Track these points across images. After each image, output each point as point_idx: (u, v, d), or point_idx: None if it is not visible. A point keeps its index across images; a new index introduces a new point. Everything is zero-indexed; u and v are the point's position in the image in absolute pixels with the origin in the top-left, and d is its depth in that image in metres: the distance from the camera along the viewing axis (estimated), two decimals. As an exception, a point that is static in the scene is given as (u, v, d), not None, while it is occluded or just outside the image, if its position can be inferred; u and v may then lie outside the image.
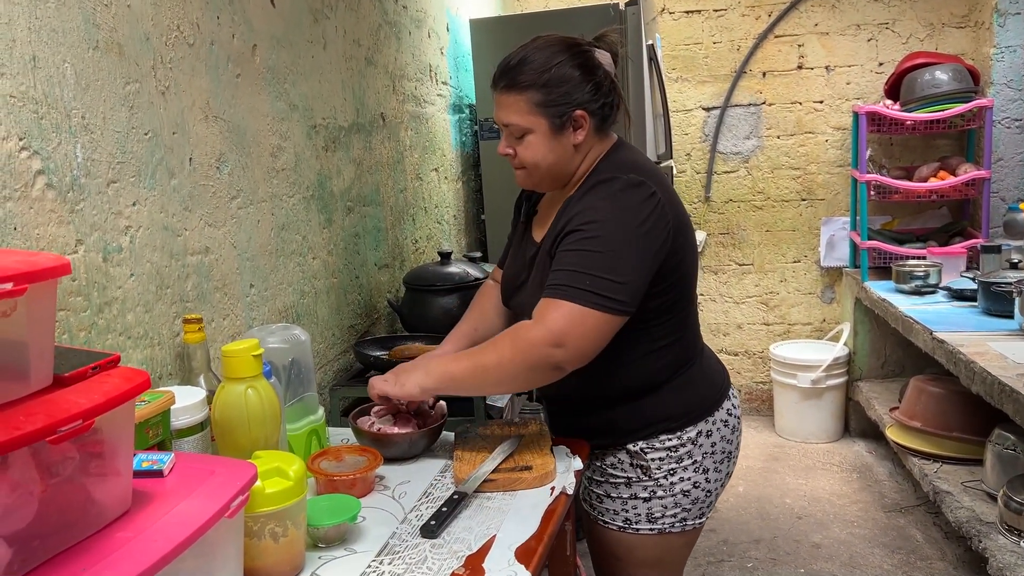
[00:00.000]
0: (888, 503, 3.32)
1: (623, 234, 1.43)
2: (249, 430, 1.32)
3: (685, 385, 1.62)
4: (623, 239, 1.43)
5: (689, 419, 1.61)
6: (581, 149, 1.53)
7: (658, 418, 1.60)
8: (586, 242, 1.43)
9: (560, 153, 1.52)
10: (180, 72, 1.52)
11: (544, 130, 1.49)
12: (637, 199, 1.46)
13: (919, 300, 3.33)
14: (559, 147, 1.51)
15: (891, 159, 4.01)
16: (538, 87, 1.47)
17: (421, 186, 2.83)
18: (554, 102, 1.47)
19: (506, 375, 1.45)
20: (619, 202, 1.46)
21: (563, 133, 1.50)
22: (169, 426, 1.29)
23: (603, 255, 1.42)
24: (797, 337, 4.27)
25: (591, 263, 1.42)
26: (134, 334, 1.39)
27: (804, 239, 4.21)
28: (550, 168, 1.53)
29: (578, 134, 1.51)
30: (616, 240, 1.43)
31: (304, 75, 2.00)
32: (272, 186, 1.84)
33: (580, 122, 1.50)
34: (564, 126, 1.50)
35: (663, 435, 1.60)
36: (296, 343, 1.59)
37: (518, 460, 1.55)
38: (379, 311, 2.41)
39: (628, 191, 1.46)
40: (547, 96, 1.47)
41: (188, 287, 1.54)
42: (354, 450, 1.55)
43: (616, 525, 1.66)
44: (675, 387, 1.61)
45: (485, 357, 1.46)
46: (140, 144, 1.41)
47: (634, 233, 1.44)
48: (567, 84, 1.48)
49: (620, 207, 1.45)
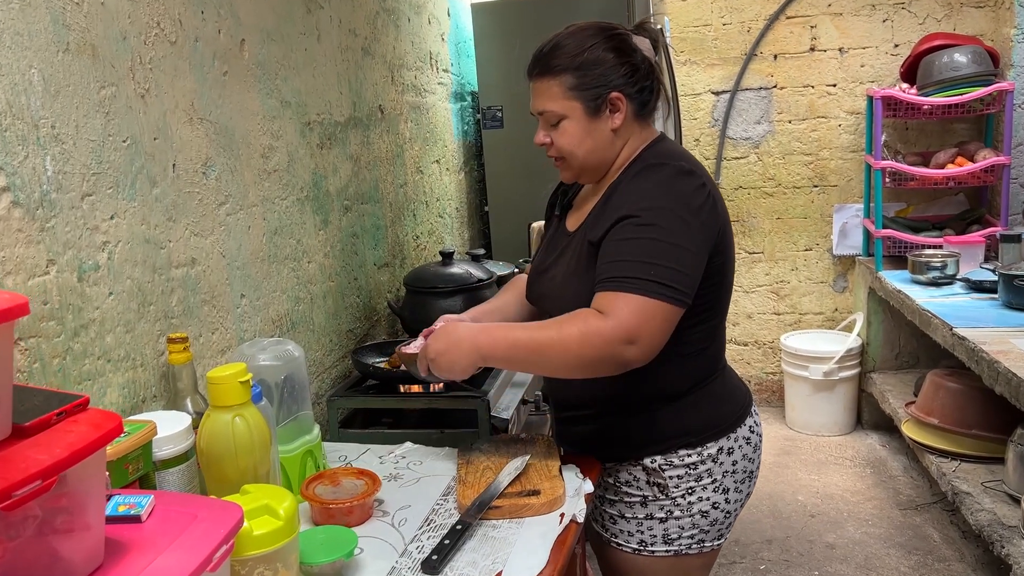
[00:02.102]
0: (903, 500, 3.24)
1: (680, 222, 1.35)
2: (237, 461, 1.23)
3: (707, 399, 1.54)
4: (681, 227, 1.35)
5: (710, 434, 1.52)
6: (620, 135, 1.47)
7: (677, 431, 1.51)
8: (644, 229, 1.35)
9: (597, 139, 1.46)
10: (161, 72, 1.42)
11: (579, 114, 1.44)
12: (690, 187, 1.38)
13: (936, 292, 3.23)
14: (596, 132, 1.45)
15: (906, 144, 3.90)
16: (571, 70, 1.42)
17: (422, 180, 2.73)
18: (588, 84, 1.42)
19: (566, 365, 1.35)
20: (673, 189, 1.38)
21: (599, 117, 1.44)
22: (151, 458, 1.21)
23: (664, 244, 1.33)
24: (808, 327, 4.18)
25: (654, 252, 1.33)
26: (114, 356, 1.30)
27: (816, 227, 4.10)
28: (587, 155, 1.47)
29: (615, 118, 1.44)
30: (675, 228, 1.35)
31: (297, 69, 1.90)
32: (263, 189, 1.74)
33: (617, 104, 1.44)
34: (600, 109, 1.44)
35: (682, 450, 1.51)
36: (289, 359, 1.50)
37: (525, 483, 1.46)
38: (379, 312, 2.32)
39: (680, 178, 1.40)
40: (581, 79, 1.42)
41: (173, 302, 1.45)
42: (351, 473, 1.47)
43: (630, 547, 1.57)
44: (696, 400, 1.52)
45: (547, 348, 1.35)
46: (118, 152, 1.31)
47: (691, 222, 1.36)
48: (601, 66, 1.42)
49: (674, 194, 1.38)
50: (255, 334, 1.70)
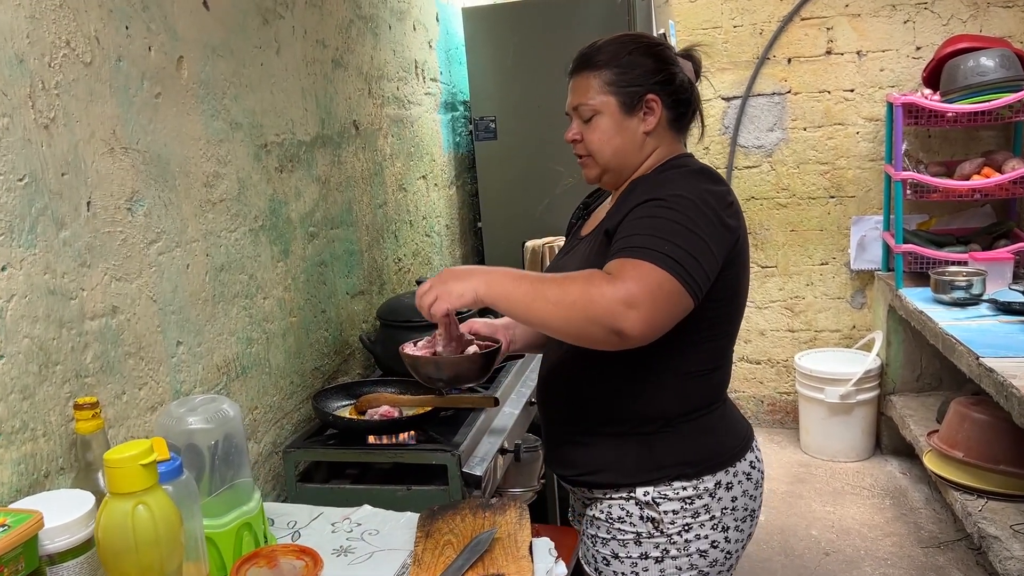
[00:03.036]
0: (925, 537, 3.03)
1: (701, 214, 1.29)
2: (138, 557, 1.05)
3: (707, 428, 1.45)
4: (701, 219, 1.28)
5: (708, 466, 1.43)
6: (650, 140, 1.45)
7: (673, 461, 1.42)
8: (664, 211, 1.29)
9: (626, 138, 1.44)
10: (72, 98, 1.25)
11: (613, 110, 1.43)
12: (715, 188, 1.35)
13: (961, 314, 3.01)
14: (626, 131, 1.44)
15: (929, 153, 3.67)
16: (612, 66, 1.43)
17: (405, 198, 2.55)
18: (626, 82, 1.42)
19: (563, 319, 1.24)
20: (698, 184, 1.34)
21: (632, 116, 1.43)
22: (36, 555, 1.03)
23: (683, 228, 1.27)
24: (825, 345, 3.96)
25: (671, 231, 1.26)
26: (5, 429, 1.13)
27: (832, 239, 3.88)
28: (614, 153, 1.45)
29: (648, 120, 1.43)
30: (695, 217, 1.28)
31: (250, 87, 1.72)
32: (207, 222, 1.57)
33: (652, 106, 1.43)
34: (635, 107, 1.43)
35: (677, 482, 1.42)
36: (223, 420, 1.32)
37: (488, 565, 1.28)
38: (351, 346, 2.14)
39: (705, 178, 1.37)
40: (620, 76, 1.43)
41: (87, 359, 1.27)
42: (291, 551, 1.29)
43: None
44: (696, 428, 1.44)
45: (550, 292, 1.25)
46: (11, 193, 1.14)
47: (711, 217, 1.29)
48: (641, 68, 1.43)
49: (699, 189, 1.33)
50: (195, 384, 1.52)
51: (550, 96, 1.73)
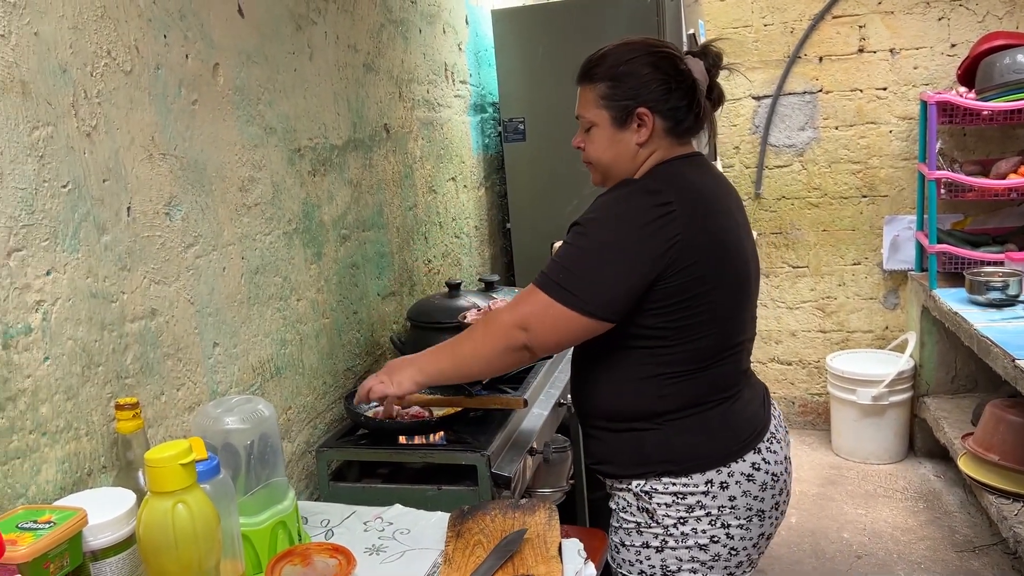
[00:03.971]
0: (960, 541, 2.99)
1: (613, 237, 1.39)
2: (178, 554, 1.08)
3: (695, 427, 1.48)
4: (612, 242, 1.39)
5: (694, 465, 1.47)
6: (645, 149, 1.48)
7: (658, 458, 1.49)
8: (577, 237, 1.42)
9: (620, 150, 1.49)
10: (113, 107, 1.28)
11: (606, 123, 1.48)
12: (644, 204, 1.40)
13: (996, 315, 2.97)
14: (619, 143, 1.48)
15: (964, 151, 3.62)
16: (607, 80, 1.47)
17: (435, 199, 2.57)
18: (618, 96, 1.46)
19: (483, 359, 1.49)
20: (622, 204, 1.42)
21: (625, 129, 1.48)
22: (81, 552, 1.06)
23: (586, 253, 1.40)
24: (857, 346, 3.92)
25: (572, 258, 1.41)
26: (51, 429, 1.17)
27: (865, 239, 3.84)
28: (610, 163, 1.50)
29: (641, 132, 1.47)
30: (604, 242, 1.39)
31: (284, 92, 1.75)
32: (242, 226, 1.60)
33: (644, 120, 1.46)
34: (626, 121, 1.47)
35: (665, 477, 1.48)
36: (259, 420, 1.35)
37: (518, 565, 1.30)
38: (383, 347, 2.17)
39: (637, 195, 1.42)
40: (613, 90, 1.47)
41: (127, 360, 1.31)
42: (325, 550, 1.31)
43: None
44: (685, 425, 1.48)
45: (463, 346, 1.51)
46: (56, 200, 1.18)
47: (623, 237, 1.39)
48: (634, 80, 1.46)
49: (621, 209, 1.41)
50: (231, 385, 1.56)
51: (579, 97, 1.77)
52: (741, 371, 1.55)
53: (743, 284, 1.51)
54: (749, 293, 1.54)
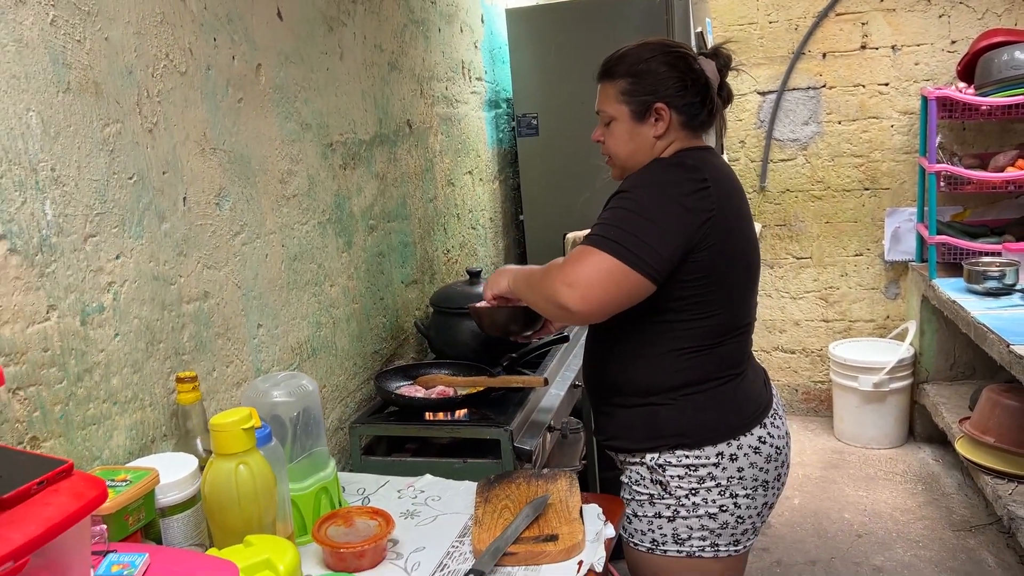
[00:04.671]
0: (957, 520, 3.10)
1: (655, 199, 1.46)
2: (240, 509, 1.20)
3: (707, 402, 1.57)
4: (654, 204, 1.45)
5: (706, 438, 1.56)
6: (663, 141, 1.57)
7: (672, 431, 1.57)
8: (622, 202, 1.48)
9: (639, 143, 1.57)
10: (170, 105, 1.39)
11: (626, 118, 1.57)
12: (682, 175, 1.49)
13: (993, 303, 3.08)
14: (638, 137, 1.57)
15: (963, 145, 3.72)
16: (627, 77, 1.56)
17: (453, 192, 2.68)
18: (638, 92, 1.55)
19: (535, 299, 1.56)
20: (663, 174, 1.50)
21: (643, 123, 1.56)
22: (154, 507, 1.18)
23: (634, 214, 1.45)
24: (859, 335, 4.03)
25: (621, 218, 1.45)
26: (121, 399, 1.28)
27: (867, 231, 3.95)
28: (629, 156, 1.59)
29: (658, 126, 1.55)
30: (647, 203, 1.45)
31: (318, 90, 1.86)
32: (282, 215, 1.71)
33: (661, 114, 1.54)
34: (645, 116, 1.55)
35: (679, 450, 1.56)
36: (303, 394, 1.47)
37: (543, 526, 1.41)
38: (406, 331, 2.28)
39: (676, 167, 1.51)
40: (633, 86, 1.55)
41: (184, 338, 1.42)
42: (365, 513, 1.43)
43: (644, 547, 1.63)
44: (698, 401, 1.56)
45: (534, 278, 1.57)
46: (123, 190, 1.29)
47: (669, 202, 1.45)
48: (653, 76, 1.54)
49: (663, 177, 1.49)
50: (273, 363, 1.67)
51: (591, 93, 1.82)
52: (746, 352, 1.66)
53: (752, 268, 1.62)
54: (756, 279, 1.65)
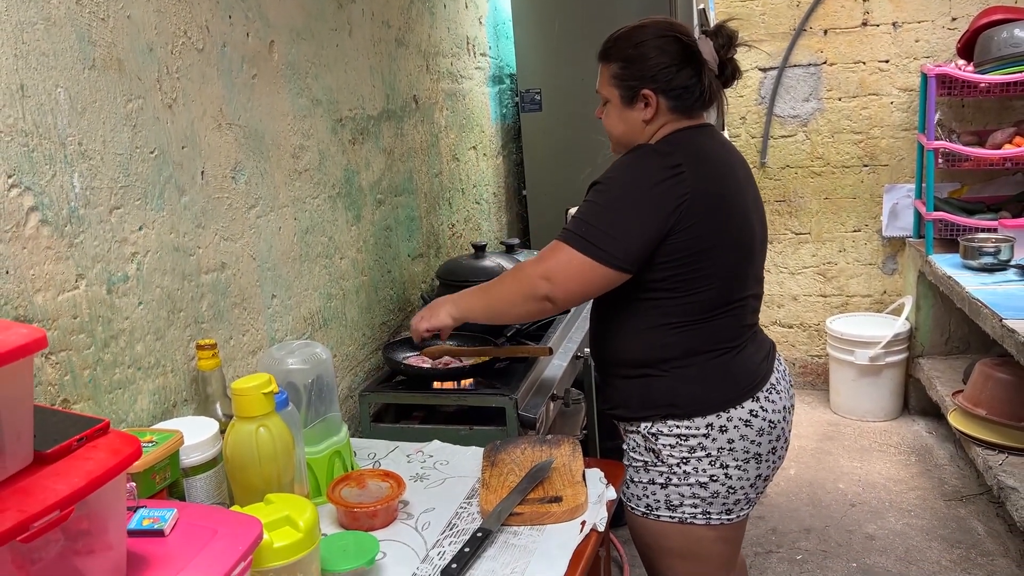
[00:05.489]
0: (948, 491, 3.18)
1: (627, 192, 1.51)
2: (261, 469, 1.26)
3: (697, 375, 1.61)
4: (624, 196, 1.51)
5: (695, 409, 1.60)
6: (652, 125, 1.60)
7: (664, 401, 1.61)
8: (596, 195, 1.54)
9: (629, 126, 1.62)
10: (188, 81, 1.44)
11: (617, 101, 1.61)
12: (655, 165, 1.52)
13: (988, 278, 3.13)
14: (628, 120, 1.61)
15: (962, 122, 3.76)
16: (619, 61, 1.60)
17: (458, 167, 2.72)
18: (627, 77, 1.58)
19: (508, 303, 1.62)
20: (636, 164, 1.55)
21: (632, 107, 1.60)
22: (179, 467, 1.24)
23: (605, 209, 1.51)
24: (856, 310, 4.09)
25: (592, 214, 1.52)
26: (144, 364, 1.34)
27: (865, 207, 3.99)
28: (620, 137, 1.64)
29: (646, 111, 1.58)
30: (619, 197, 1.51)
31: (328, 66, 1.90)
32: (294, 189, 1.76)
33: (648, 100, 1.58)
34: (633, 100, 1.59)
35: (670, 420, 1.61)
36: (317, 362, 1.52)
37: (547, 488, 1.47)
38: (413, 304, 2.34)
39: (648, 156, 1.55)
40: (623, 70, 1.59)
41: (203, 307, 1.48)
42: (377, 475, 1.49)
43: (640, 511, 1.69)
44: (690, 373, 1.61)
45: (492, 290, 1.65)
46: (145, 164, 1.34)
47: (637, 193, 1.51)
48: (643, 62, 1.57)
49: (634, 168, 1.54)
50: (286, 333, 1.73)
51: (593, 69, 1.85)
52: (744, 326, 1.67)
53: (746, 244, 1.63)
54: (752, 254, 1.65)
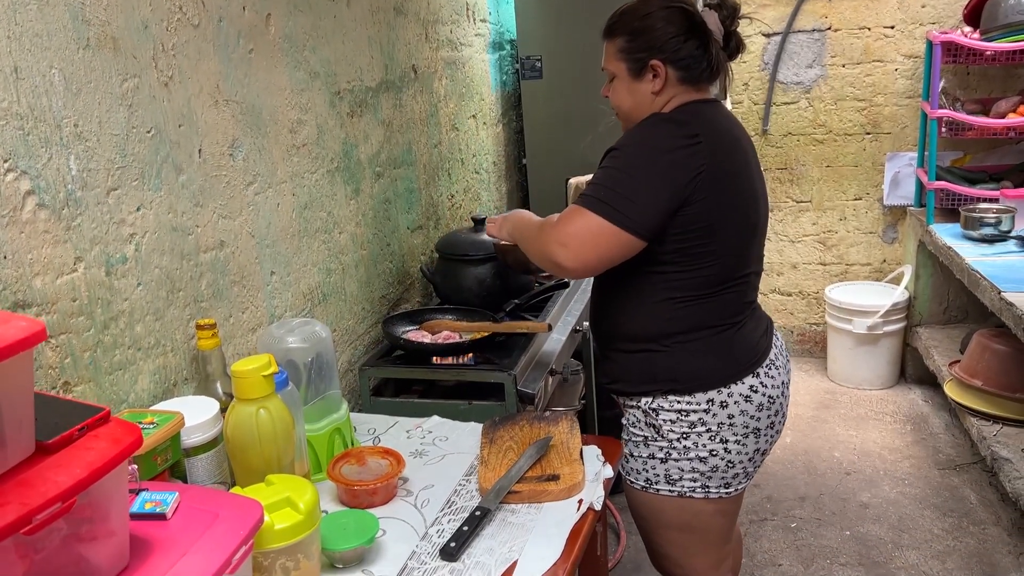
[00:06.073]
0: (943, 460, 3.21)
1: (644, 158, 1.50)
2: (261, 450, 1.27)
3: (700, 350, 1.61)
4: (643, 162, 1.50)
5: (696, 385, 1.61)
6: (661, 97, 1.59)
7: (665, 376, 1.62)
8: (611, 160, 1.53)
9: (638, 98, 1.61)
10: (185, 58, 1.42)
11: (624, 75, 1.61)
12: (670, 132, 1.52)
13: (988, 249, 3.13)
14: (637, 92, 1.60)
15: (967, 90, 3.72)
16: (625, 34, 1.59)
17: (457, 137, 2.70)
18: (634, 49, 1.58)
19: (533, 250, 1.64)
20: (651, 131, 1.54)
21: (640, 80, 1.59)
22: (180, 448, 1.25)
23: (623, 173, 1.50)
24: (855, 278, 4.09)
25: (608, 178, 1.51)
26: (144, 345, 1.34)
27: (867, 175, 3.97)
28: (630, 112, 1.63)
29: (655, 82, 1.58)
30: (635, 162, 1.50)
31: (325, 38, 1.88)
32: (292, 164, 1.75)
33: (657, 71, 1.57)
34: (641, 73, 1.58)
35: (671, 395, 1.62)
36: (317, 340, 1.53)
37: (545, 466, 1.49)
38: (412, 276, 2.34)
39: (665, 124, 1.54)
40: (630, 43, 1.58)
41: (202, 286, 1.48)
42: (377, 452, 1.50)
43: (639, 485, 1.70)
44: (691, 348, 1.61)
45: (528, 236, 1.68)
46: (142, 144, 1.33)
47: (656, 159, 1.50)
48: (650, 34, 1.56)
49: (650, 135, 1.53)
50: (286, 309, 1.73)
51: (595, 36, 1.83)
52: (745, 302, 1.68)
53: (751, 221, 1.63)
54: (756, 230, 1.66)
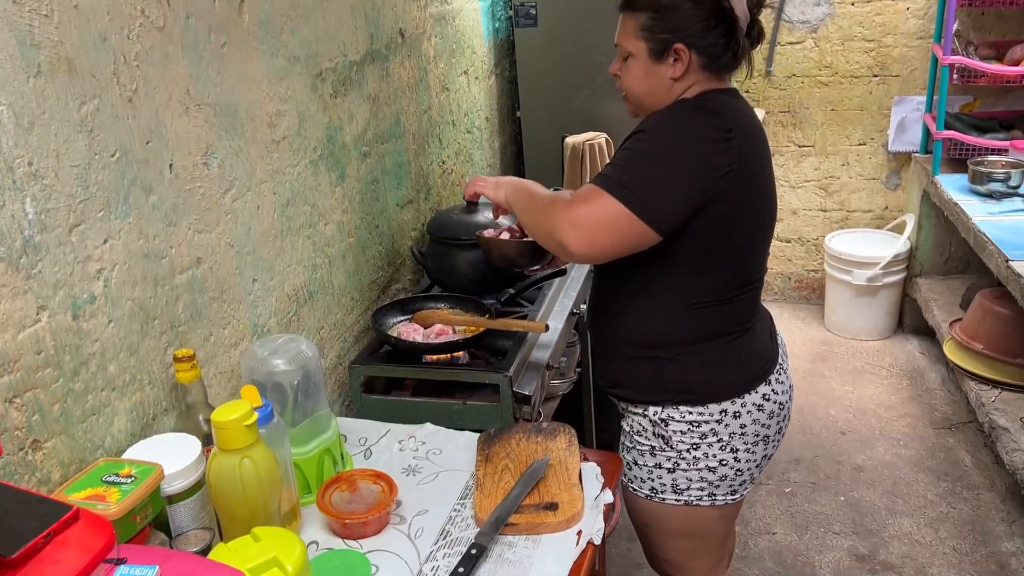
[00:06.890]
0: (938, 418, 3.20)
1: (676, 148, 1.39)
2: (246, 500, 1.21)
3: (715, 360, 1.54)
4: (675, 152, 1.39)
5: (710, 396, 1.55)
6: (681, 83, 1.48)
7: (677, 387, 1.55)
8: (637, 143, 1.42)
9: (655, 83, 1.49)
10: (150, 66, 1.29)
11: (643, 55, 1.48)
12: (707, 124, 1.41)
13: (995, 206, 3.04)
14: (655, 76, 1.49)
15: (981, 32, 3.56)
16: (648, 11, 1.45)
17: (448, 97, 2.57)
18: (658, 29, 1.45)
19: (534, 228, 1.52)
20: (683, 117, 1.44)
21: (661, 63, 1.47)
22: (160, 500, 1.19)
23: (650, 160, 1.39)
24: (856, 225, 4.01)
25: (636, 162, 1.39)
26: (119, 384, 1.27)
27: (872, 120, 3.84)
28: (642, 96, 1.52)
29: (676, 67, 1.47)
30: (663, 148, 1.39)
31: (305, 16, 1.73)
32: (272, 162, 1.64)
33: (680, 55, 1.45)
34: (663, 56, 1.46)
35: (683, 406, 1.55)
36: (303, 361, 1.46)
37: (543, 492, 1.44)
38: (403, 255, 2.25)
39: (697, 111, 1.44)
40: (653, 22, 1.45)
41: (179, 310, 1.39)
42: (368, 476, 1.45)
43: (644, 493, 1.65)
44: (704, 358, 1.54)
45: (532, 207, 1.53)
46: (106, 170, 1.22)
47: (689, 151, 1.39)
48: (676, 14, 1.44)
49: (682, 122, 1.43)
50: (270, 316, 1.65)
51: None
52: (756, 306, 1.62)
53: (768, 223, 1.55)
54: (770, 232, 1.58)
